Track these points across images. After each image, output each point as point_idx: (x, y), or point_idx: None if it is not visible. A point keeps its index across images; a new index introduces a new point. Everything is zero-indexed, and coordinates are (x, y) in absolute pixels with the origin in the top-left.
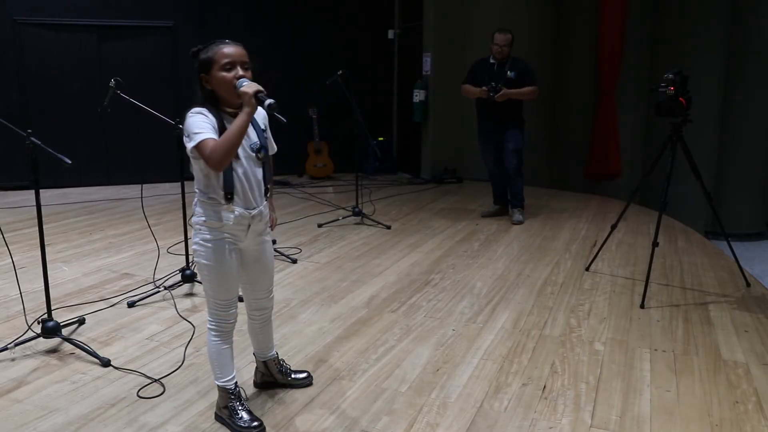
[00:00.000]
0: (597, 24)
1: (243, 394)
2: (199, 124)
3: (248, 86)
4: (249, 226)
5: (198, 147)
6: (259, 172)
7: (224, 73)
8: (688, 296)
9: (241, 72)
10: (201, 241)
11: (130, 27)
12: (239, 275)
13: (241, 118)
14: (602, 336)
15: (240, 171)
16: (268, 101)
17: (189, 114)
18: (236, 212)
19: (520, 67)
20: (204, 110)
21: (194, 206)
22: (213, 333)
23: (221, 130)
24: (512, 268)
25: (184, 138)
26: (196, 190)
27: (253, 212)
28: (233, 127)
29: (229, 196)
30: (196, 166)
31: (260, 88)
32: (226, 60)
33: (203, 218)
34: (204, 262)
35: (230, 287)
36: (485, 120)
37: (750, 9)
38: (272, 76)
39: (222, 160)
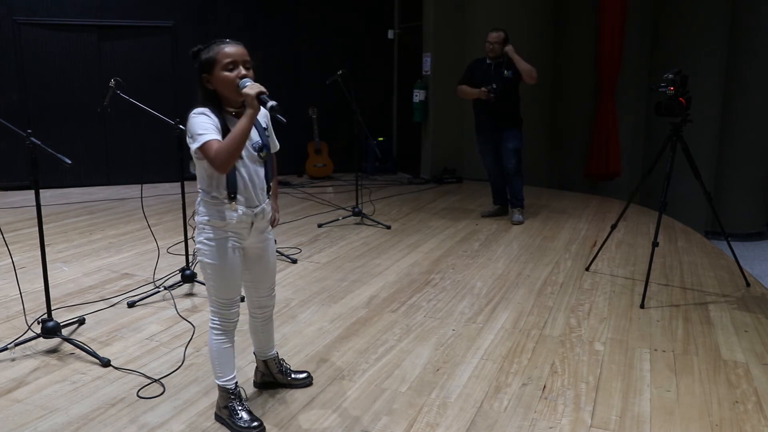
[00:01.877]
0: (597, 24)
1: (243, 394)
2: (203, 125)
3: (250, 88)
4: (252, 223)
5: (202, 148)
6: (262, 170)
7: (227, 73)
8: (688, 296)
9: (243, 71)
10: (205, 240)
11: (130, 27)
12: (242, 274)
13: (244, 120)
14: (602, 336)
15: (243, 170)
16: (271, 103)
17: (192, 114)
18: (239, 211)
19: (516, 66)
20: (207, 110)
21: (197, 205)
22: (215, 332)
23: (224, 130)
24: (512, 268)
25: (187, 138)
26: (200, 190)
27: (256, 210)
28: (236, 129)
29: (232, 195)
30: (200, 166)
31: (263, 89)
32: (228, 60)
33: (207, 217)
34: (208, 261)
35: (233, 286)
36: (483, 120)
37: (750, 9)
38: (272, 76)
39: (226, 162)
